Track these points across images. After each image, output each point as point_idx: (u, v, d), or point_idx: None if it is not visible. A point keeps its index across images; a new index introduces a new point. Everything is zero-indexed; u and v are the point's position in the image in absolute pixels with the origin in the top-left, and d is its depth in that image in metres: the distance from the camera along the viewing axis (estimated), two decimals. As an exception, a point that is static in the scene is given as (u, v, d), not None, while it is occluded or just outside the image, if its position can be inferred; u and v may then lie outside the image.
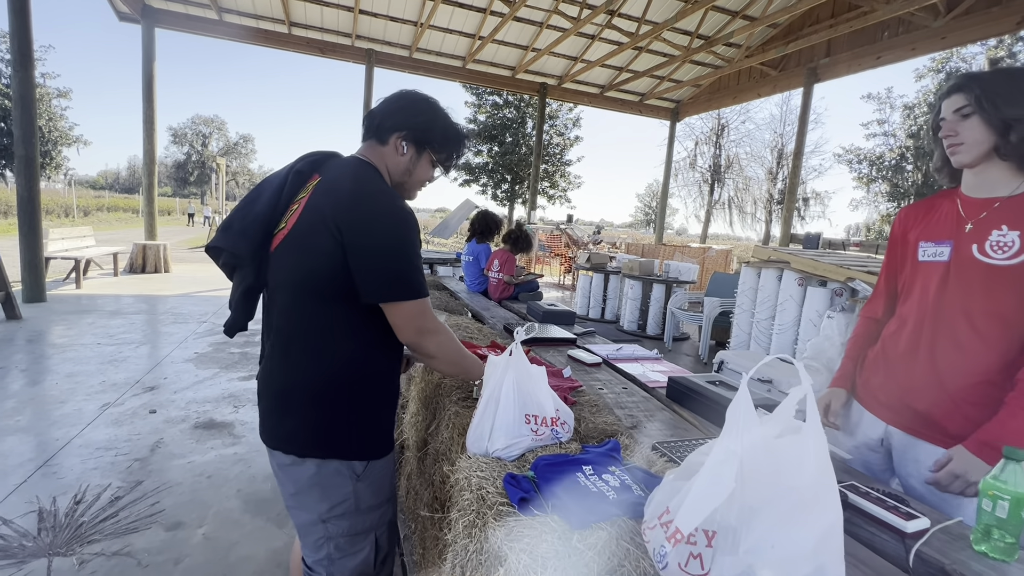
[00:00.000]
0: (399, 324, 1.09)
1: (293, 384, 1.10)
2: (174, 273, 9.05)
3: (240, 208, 1.17)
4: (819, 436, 0.64)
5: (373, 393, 1.15)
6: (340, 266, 1.04)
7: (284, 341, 1.12)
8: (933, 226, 1.28)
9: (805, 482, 0.64)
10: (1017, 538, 0.89)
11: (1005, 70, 1.16)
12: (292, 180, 1.16)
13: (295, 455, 1.10)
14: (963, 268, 1.18)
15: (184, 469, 2.51)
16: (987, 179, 1.19)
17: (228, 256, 1.16)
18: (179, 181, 52.35)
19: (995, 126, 1.12)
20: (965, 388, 1.18)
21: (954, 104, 1.18)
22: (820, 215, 24.03)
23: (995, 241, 1.14)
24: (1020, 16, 6.32)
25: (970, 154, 1.17)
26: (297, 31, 9.61)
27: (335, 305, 1.07)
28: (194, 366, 4.10)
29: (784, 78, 9.72)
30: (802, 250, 5.33)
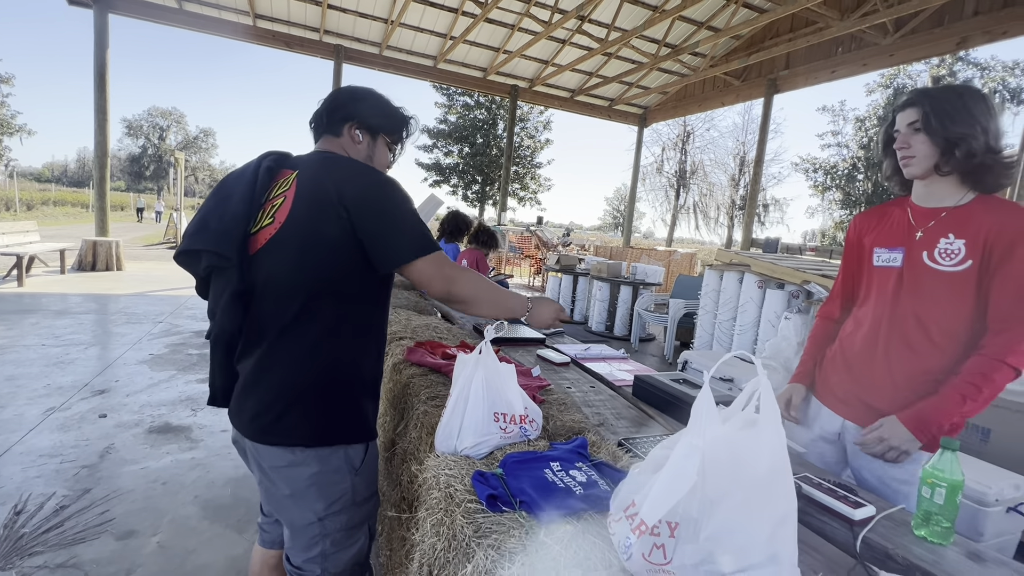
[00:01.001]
0: (428, 279, 1.10)
1: (297, 378, 1.08)
2: (127, 271, 8.62)
3: (214, 207, 1.11)
4: (775, 429, 0.67)
5: (369, 377, 1.18)
6: (348, 252, 1.05)
7: (276, 335, 1.08)
8: (886, 233, 1.34)
9: (761, 473, 0.67)
10: (953, 523, 0.95)
11: (954, 88, 1.22)
12: (263, 177, 1.12)
13: (302, 446, 1.07)
14: (914, 274, 1.25)
15: (137, 475, 2.40)
16: (935, 190, 1.25)
17: (213, 258, 1.08)
18: (134, 175, 49.95)
19: (939, 144, 1.19)
20: (915, 386, 1.25)
21: (907, 118, 1.24)
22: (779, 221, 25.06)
23: (943, 249, 1.21)
24: (959, 37, 6.76)
25: (920, 167, 1.23)
26: (262, 23, 9.33)
27: (334, 294, 1.08)
28: (149, 368, 3.92)
29: (746, 88, 10.08)
30: (762, 254, 5.53)
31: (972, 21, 6.57)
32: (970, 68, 19.93)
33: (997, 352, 1.15)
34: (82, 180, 54.92)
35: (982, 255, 1.16)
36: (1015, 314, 1.14)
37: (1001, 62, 19.69)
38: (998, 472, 2.13)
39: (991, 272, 1.16)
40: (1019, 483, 2.07)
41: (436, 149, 26.04)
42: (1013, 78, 19.31)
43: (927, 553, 0.92)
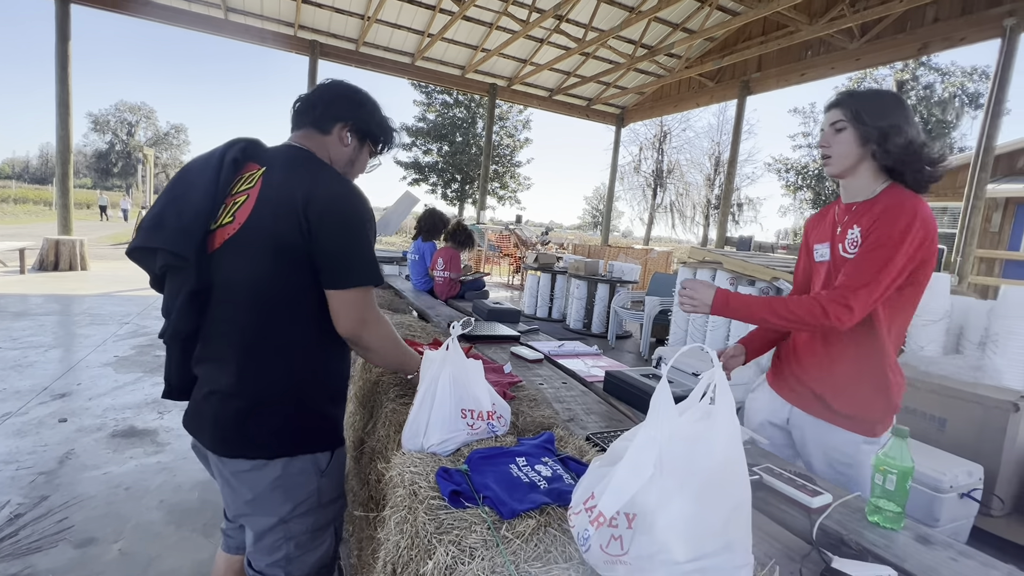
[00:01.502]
0: (346, 312, 1.06)
1: (257, 388, 1.04)
2: (92, 271, 8.33)
3: (171, 202, 1.05)
4: (729, 420, 0.69)
5: (334, 384, 1.16)
6: (303, 259, 1.02)
7: (239, 344, 1.04)
8: (821, 230, 1.45)
9: (716, 463, 0.69)
10: (903, 508, 0.99)
11: (876, 91, 1.31)
12: (227, 169, 1.07)
13: (264, 459, 1.04)
14: (836, 265, 1.35)
15: (98, 481, 2.32)
16: (853, 188, 1.34)
17: (169, 258, 1.02)
18: (101, 172, 48.22)
19: (860, 143, 1.26)
20: (851, 371, 1.33)
21: (831, 118, 1.31)
22: (753, 220, 25.56)
23: (850, 239, 1.31)
24: (921, 43, 7.01)
25: (838, 165, 1.31)
26: (234, 17, 9.10)
27: (297, 302, 1.05)
28: (113, 370, 3.79)
29: (720, 89, 10.27)
30: (734, 252, 5.65)
31: (932, 28, 6.82)
32: (932, 73, 20.72)
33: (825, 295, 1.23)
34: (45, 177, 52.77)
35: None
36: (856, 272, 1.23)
37: (960, 67, 20.52)
38: (952, 459, 2.22)
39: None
40: (972, 470, 2.16)
41: (415, 147, 25.84)
42: (971, 83, 20.15)
43: (879, 538, 0.95)
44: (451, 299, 3.72)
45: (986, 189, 6.21)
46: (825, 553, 0.86)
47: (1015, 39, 5.91)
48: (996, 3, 6.13)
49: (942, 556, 0.91)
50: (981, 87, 19.79)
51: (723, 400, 0.70)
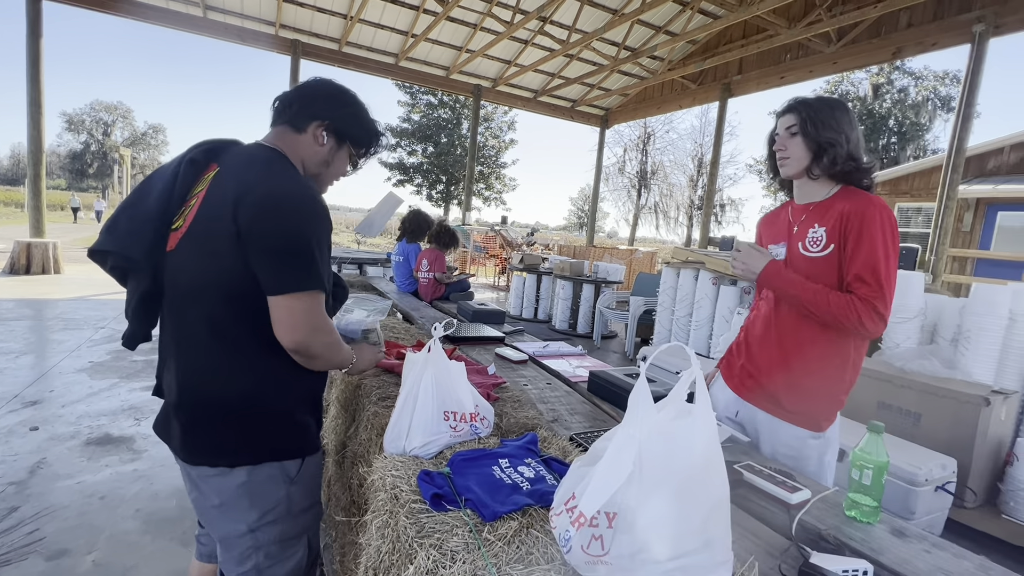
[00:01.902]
0: (290, 320, 0.97)
1: (213, 394, 1.02)
2: (66, 274, 8.10)
3: (128, 205, 1.06)
4: (707, 418, 0.69)
5: (300, 389, 1.10)
6: (240, 262, 0.96)
7: (195, 349, 1.02)
8: (775, 231, 1.49)
9: (695, 462, 0.69)
10: (879, 502, 1.01)
11: (826, 99, 1.35)
12: (185, 171, 1.06)
13: (225, 467, 1.02)
14: (794, 263, 1.38)
15: (71, 491, 2.25)
16: (807, 189, 1.39)
17: (117, 259, 1.04)
18: (75, 173, 46.92)
19: (812, 148, 1.32)
20: (807, 368, 1.36)
21: (786, 123, 1.36)
22: (735, 220, 25.88)
23: (811, 238, 1.34)
24: (895, 47, 7.19)
25: (794, 167, 1.36)
26: (214, 15, 8.95)
27: (248, 306, 0.99)
28: (88, 376, 3.69)
29: (702, 92, 10.40)
30: (717, 252, 5.72)
31: (906, 32, 7.00)
32: (906, 77, 21.27)
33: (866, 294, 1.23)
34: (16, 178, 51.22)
35: (839, 240, 1.29)
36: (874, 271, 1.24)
37: (933, 72, 21.10)
38: (927, 454, 2.27)
39: (847, 254, 1.28)
40: (945, 463, 2.22)
41: (400, 148, 25.69)
42: (943, 87, 20.74)
43: (856, 532, 0.97)
44: (436, 300, 3.70)
45: (958, 190, 6.39)
46: (804, 548, 0.87)
47: (984, 45, 6.10)
48: (966, 9, 6.32)
49: (916, 548, 0.93)
50: (953, 91, 20.38)
51: (701, 398, 0.70)
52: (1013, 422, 2.68)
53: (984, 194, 8.82)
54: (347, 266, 6.73)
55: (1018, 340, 2.79)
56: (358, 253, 7.70)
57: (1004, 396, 2.53)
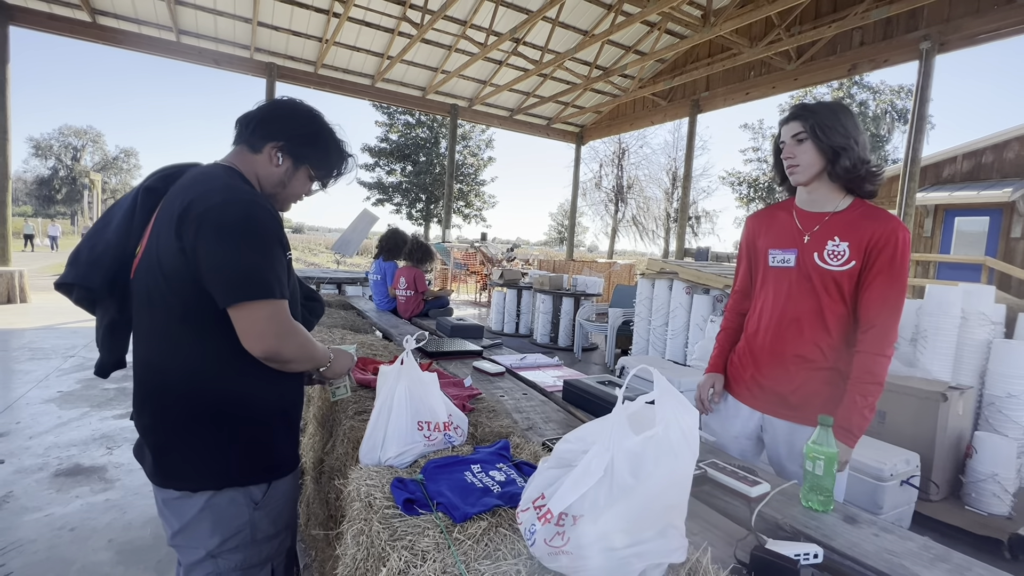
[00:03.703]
0: (255, 330, 0.96)
1: (170, 417, 1.02)
2: (34, 303, 7.86)
3: (89, 237, 1.08)
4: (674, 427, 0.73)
5: (264, 412, 1.08)
6: (190, 281, 0.96)
7: (153, 372, 1.03)
8: (777, 235, 1.46)
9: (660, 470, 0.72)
10: (831, 491, 1.07)
11: (828, 105, 1.36)
12: (143, 199, 1.07)
13: (188, 491, 1.02)
14: (808, 273, 1.37)
15: (40, 524, 2.19)
16: (818, 196, 1.39)
17: (81, 291, 1.06)
18: (43, 199, 45.63)
19: (825, 153, 1.33)
20: (821, 374, 1.37)
21: (792, 130, 1.37)
22: (710, 231, 26.48)
23: (830, 250, 1.34)
24: (850, 64, 7.56)
25: (805, 174, 1.37)
26: (187, 39, 8.94)
27: (205, 323, 0.99)
28: (57, 407, 3.59)
29: (672, 108, 10.74)
30: (691, 262, 5.87)
31: (860, 50, 7.38)
32: (864, 91, 22.30)
33: (873, 347, 1.30)
34: (-21, 205, 49.53)
35: (863, 257, 1.30)
36: (882, 311, 1.30)
37: (889, 86, 22.20)
38: (892, 449, 2.36)
39: (865, 273, 1.31)
40: (909, 458, 2.31)
41: (378, 167, 25.74)
42: (899, 100, 21.79)
43: (810, 520, 1.02)
44: (415, 317, 3.72)
45: (916, 197, 6.70)
46: (761, 536, 0.92)
47: (931, 61, 6.47)
48: (913, 28, 6.71)
49: (866, 533, 0.99)
50: (908, 103, 21.41)
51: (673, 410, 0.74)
52: (971, 416, 2.80)
53: (942, 200, 9.24)
54: (326, 286, 6.69)
55: (971, 338, 2.94)
56: (337, 273, 7.67)
57: (961, 391, 2.65)
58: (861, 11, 6.57)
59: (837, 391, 1.36)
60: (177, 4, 8.18)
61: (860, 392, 1.29)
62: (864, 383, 1.29)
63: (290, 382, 1.14)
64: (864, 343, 1.30)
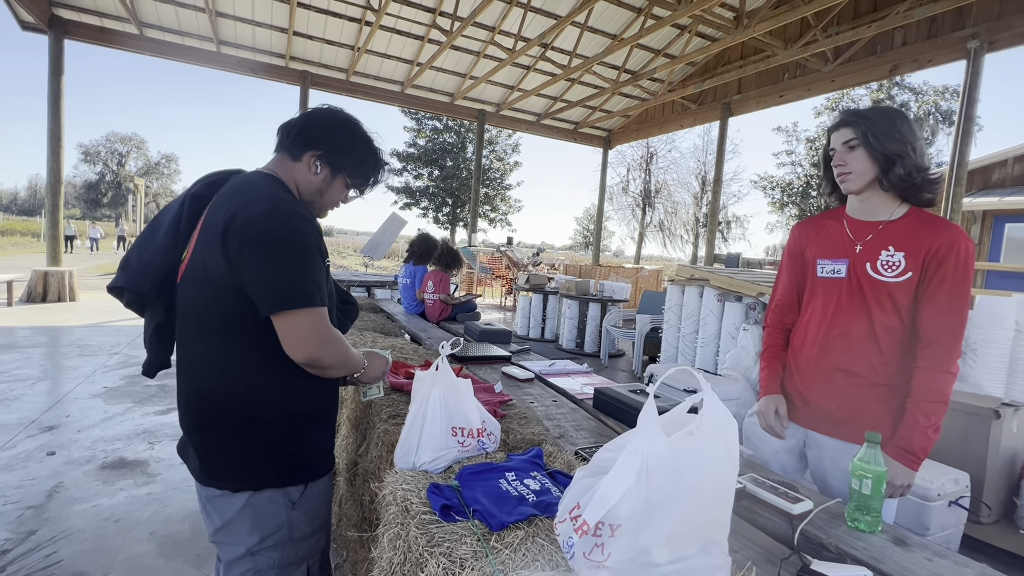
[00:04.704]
0: (297, 337, 0.99)
1: (213, 418, 1.06)
2: (81, 302, 8.26)
3: (138, 243, 1.13)
4: (718, 438, 0.72)
5: (302, 416, 1.11)
6: (233, 287, 0.99)
7: (197, 375, 1.07)
8: (827, 245, 1.40)
9: (701, 479, 0.71)
10: (880, 511, 1.02)
11: (882, 109, 1.31)
12: (190, 206, 1.12)
13: (228, 490, 1.05)
14: (860, 284, 1.32)
15: (87, 514, 2.29)
16: (870, 204, 1.34)
17: (131, 295, 1.12)
18: (90, 203, 48.06)
19: (878, 160, 1.27)
20: (871, 390, 1.31)
21: (842, 137, 1.32)
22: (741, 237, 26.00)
23: (884, 260, 1.28)
24: (891, 65, 7.30)
25: (858, 182, 1.31)
26: (227, 50, 9.29)
27: (248, 328, 1.02)
28: (103, 401, 3.75)
29: (703, 111, 10.56)
30: (722, 268, 5.75)
31: (901, 50, 7.12)
32: (905, 92, 21.48)
33: (936, 364, 1.23)
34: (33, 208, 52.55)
35: (922, 268, 1.24)
36: (944, 325, 1.23)
37: (932, 87, 21.32)
38: (939, 468, 2.25)
39: (924, 285, 1.24)
40: (958, 478, 2.20)
41: (406, 172, 26.14)
42: (944, 101, 20.89)
43: (857, 541, 0.98)
44: (443, 321, 3.75)
45: (962, 203, 6.40)
46: (805, 556, 0.89)
47: (979, 60, 6.19)
48: (959, 27, 6.44)
49: (918, 557, 0.94)
50: (954, 105, 20.53)
51: (714, 418, 0.72)
52: (1026, 435, 2.65)
53: (990, 206, 8.81)
54: (355, 289, 6.82)
55: (1026, 351, 2.78)
56: (366, 276, 7.80)
57: (1015, 408, 2.51)
58: (904, 10, 6.34)
59: (890, 409, 1.30)
60: (218, 16, 8.51)
61: (923, 411, 1.22)
62: (926, 401, 1.22)
63: (327, 386, 1.16)
64: (925, 359, 1.24)
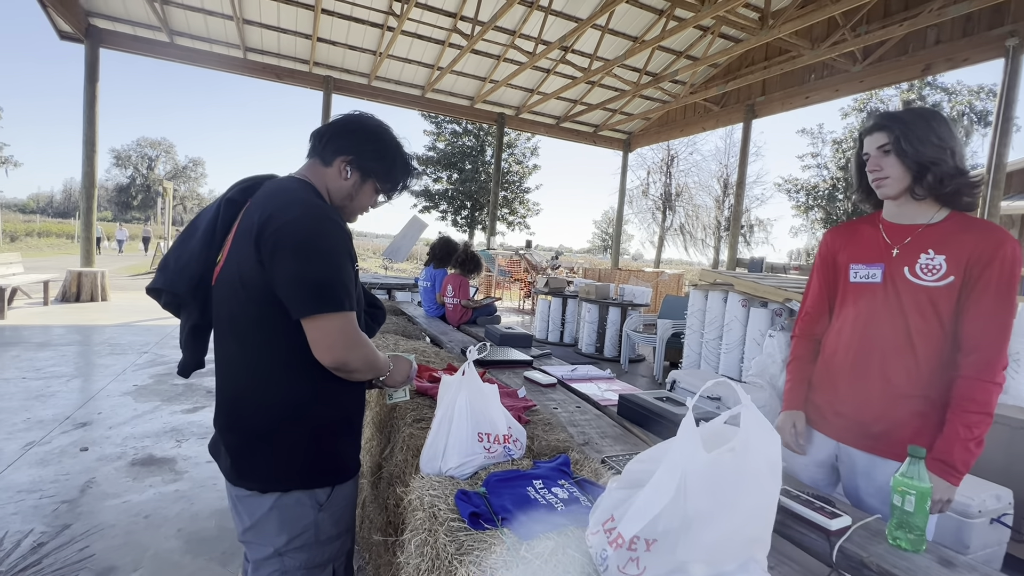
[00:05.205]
0: (326, 341, 1.00)
1: (244, 420, 1.08)
2: (112, 302, 8.52)
3: (176, 246, 1.17)
4: (756, 451, 0.70)
5: (330, 419, 1.12)
6: (265, 290, 1.01)
7: (230, 376, 1.10)
8: (861, 249, 1.35)
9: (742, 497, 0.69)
10: (924, 529, 0.98)
11: (920, 112, 1.24)
12: (225, 210, 1.14)
13: (257, 491, 1.07)
14: (897, 289, 1.26)
15: (118, 510, 2.34)
16: (908, 209, 1.28)
17: (168, 296, 1.16)
18: (121, 205, 49.77)
19: (912, 167, 1.21)
20: (908, 402, 1.25)
21: (877, 141, 1.27)
22: (764, 241, 25.47)
23: (924, 264, 1.23)
24: (924, 64, 7.09)
25: (894, 188, 1.26)
26: (253, 56, 9.51)
27: (279, 331, 1.04)
28: (133, 399, 3.86)
29: (725, 114, 10.41)
30: (746, 273, 5.64)
31: (935, 49, 6.91)
32: (937, 92, 20.79)
33: (980, 373, 1.17)
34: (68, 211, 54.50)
35: (964, 273, 1.19)
36: (988, 332, 1.17)
37: (967, 86, 20.56)
38: (980, 483, 2.16)
39: (967, 290, 1.19)
40: (1000, 494, 2.10)
41: (425, 175, 26.36)
42: (979, 101, 20.18)
43: (900, 560, 0.94)
44: (463, 325, 3.75)
45: (1000, 206, 6.17)
46: (844, 575, 0.86)
47: (1018, 58, 5.97)
48: (997, 24, 6.22)
49: (966, 579, 0.90)
50: (989, 105, 19.82)
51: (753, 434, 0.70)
52: (1072, 450, 2.52)
53: (1028, 210, 8.48)
54: (376, 291, 6.89)
55: (1072, 362, 2.65)
56: (386, 278, 7.88)
57: (1060, 422, 2.39)
58: (937, 8, 6.14)
59: (929, 422, 1.24)
60: (245, 23, 8.72)
61: (964, 423, 1.17)
62: (968, 412, 1.17)
63: (354, 390, 1.18)
64: (968, 368, 1.18)
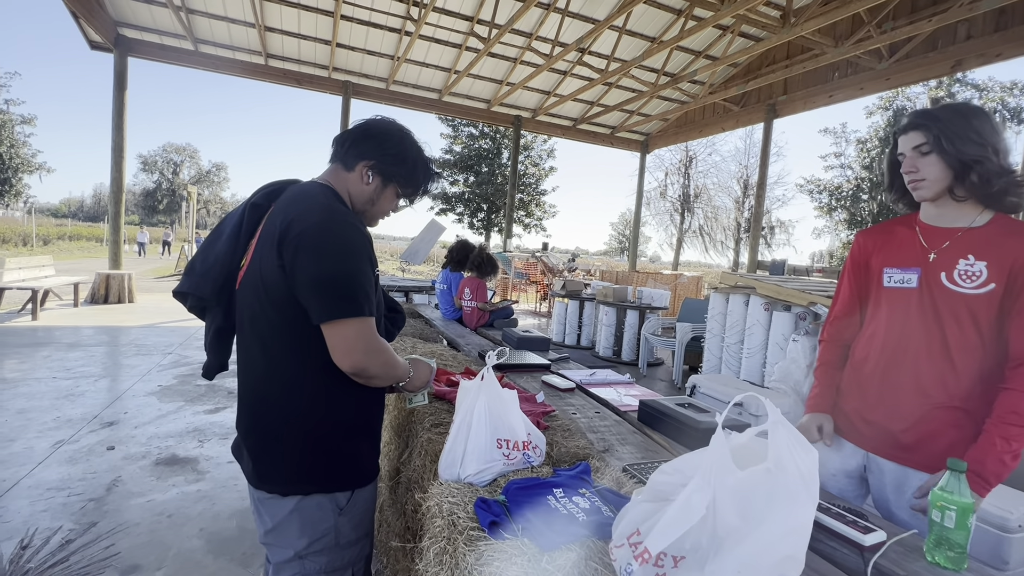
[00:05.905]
0: (344, 346, 1.01)
1: (266, 423, 1.09)
2: (139, 303, 8.74)
3: (202, 250, 1.18)
4: (790, 469, 0.67)
5: (349, 423, 1.12)
6: (287, 294, 1.02)
7: (253, 380, 1.11)
8: (895, 253, 1.29)
9: (774, 515, 0.66)
10: (966, 547, 0.93)
11: (957, 108, 1.18)
12: (249, 215, 1.16)
13: (278, 494, 1.08)
14: (933, 295, 1.20)
15: (143, 508, 2.39)
16: (947, 211, 1.22)
17: (193, 300, 1.18)
18: (147, 209, 51.22)
19: (953, 166, 1.16)
20: (942, 412, 1.20)
21: (912, 141, 1.21)
22: (785, 243, 24.97)
23: (963, 270, 1.17)
24: (954, 60, 6.87)
25: (932, 189, 1.20)
26: (274, 62, 9.70)
27: (298, 340, 1.05)
28: (157, 399, 3.94)
29: (746, 113, 10.25)
30: (768, 276, 5.52)
31: (965, 45, 6.70)
32: (968, 89, 20.14)
33: None
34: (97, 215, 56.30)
35: (1007, 280, 1.12)
36: None
37: (999, 82, 19.85)
38: (1019, 496, 2.06)
39: (1014, 299, 1.12)
40: (1042, 507, 2.01)
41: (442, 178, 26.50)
42: (1012, 98, 19.48)
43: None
44: (480, 327, 3.75)
45: (1035, 206, 5.94)
46: (882, 595, 0.82)
47: (1055, 53, 5.74)
48: (1032, 18, 6.00)
49: (1012, 601, 0.85)
50: (1023, 101, 19.15)
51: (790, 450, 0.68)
52: (1119, 462, 2.40)
53: (1066, 210, 8.15)
54: (393, 294, 6.94)
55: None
56: (403, 281, 7.93)
57: (1106, 433, 2.27)
58: (968, 2, 5.95)
59: (964, 436, 1.18)
60: (267, 31, 8.89)
61: (1002, 435, 1.11)
62: (1007, 424, 1.11)
63: (374, 395, 1.18)
64: (1015, 380, 1.12)
